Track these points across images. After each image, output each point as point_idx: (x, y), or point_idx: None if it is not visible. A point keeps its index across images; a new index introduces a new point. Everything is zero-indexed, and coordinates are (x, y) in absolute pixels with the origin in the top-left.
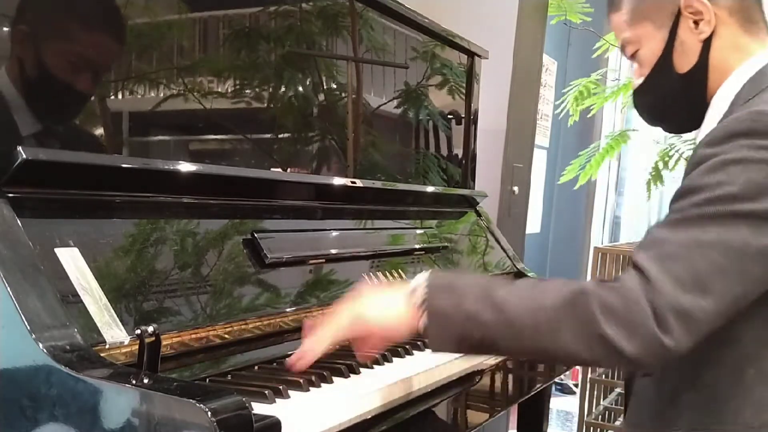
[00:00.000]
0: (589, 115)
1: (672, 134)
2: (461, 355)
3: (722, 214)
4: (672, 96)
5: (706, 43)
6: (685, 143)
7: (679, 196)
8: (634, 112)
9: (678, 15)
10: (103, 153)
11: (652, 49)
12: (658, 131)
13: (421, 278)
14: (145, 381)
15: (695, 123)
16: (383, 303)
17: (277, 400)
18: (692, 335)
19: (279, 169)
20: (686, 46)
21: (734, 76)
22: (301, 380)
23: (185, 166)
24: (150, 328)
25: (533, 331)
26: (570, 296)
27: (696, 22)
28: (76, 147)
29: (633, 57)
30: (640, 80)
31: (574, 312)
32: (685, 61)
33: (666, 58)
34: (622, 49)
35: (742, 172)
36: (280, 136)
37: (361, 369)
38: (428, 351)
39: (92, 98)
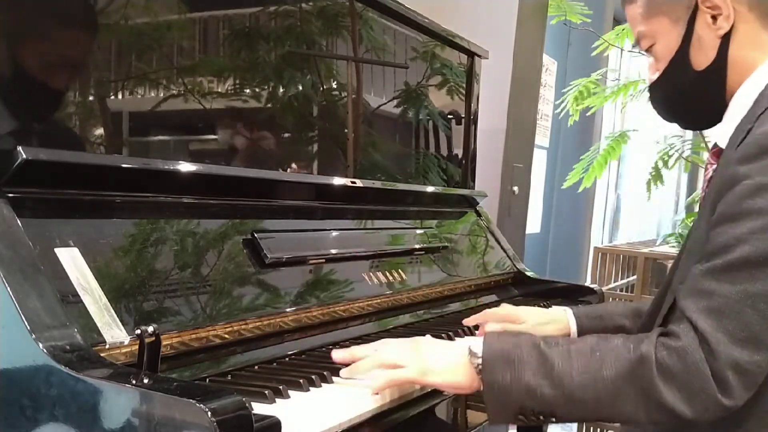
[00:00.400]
0: (588, 113)
1: (688, 130)
2: None
3: (766, 257)
4: (689, 93)
5: (725, 40)
6: (686, 143)
7: (719, 222)
8: (634, 112)
9: (695, 10)
10: (103, 153)
11: (667, 44)
12: (658, 131)
13: (478, 344)
14: (145, 381)
15: (713, 120)
16: (446, 367)
17: (277, 400)
18: (750, 390)
19: (279, 169)
20: (704, 42)
21: (757, 74)
22: (301, 380)
23: (185, 166)
24: (150, 328)
25: (594, 403)
26: (629, 366)
27: (714, 17)
28: (76, 147)
29: (648, 51)
30: (656, 75)
31: (634, 382)
32: (702, 57)
33: (682, 54)
34: (637, 42)
35: None
36: (280, 136)
37: None
38: None
39: (92, 98)
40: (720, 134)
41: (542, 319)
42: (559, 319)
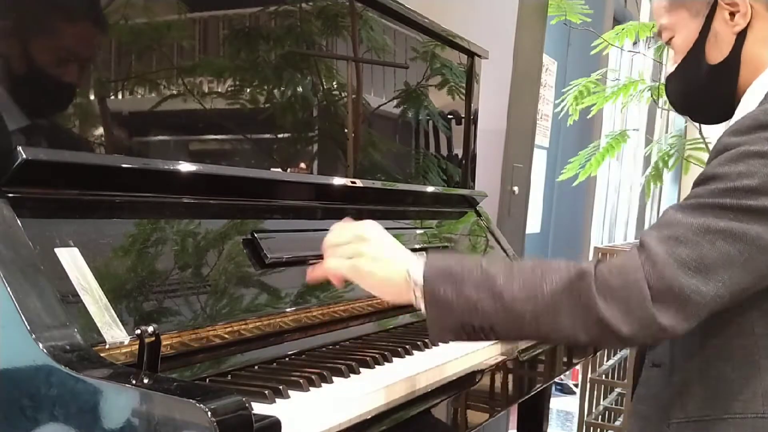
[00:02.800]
0: (589, 116)
1: (700, 123)
2: (462, 352)
3: (738, 207)
4: (701, 86)
5: (740, 36)
6: (688, 141)
7: (699, 182)
8: (634, 112)
9: (714, 5)
10: (103, 153)
11: (685, 37)
12: (658, 131)
13: (420, 261)
14: (145, 381)
15: (723, 115)
16: (385, 271)
17: (277, 400)
18: (690, 318)
19: (279, 169)
20: (720, 37)
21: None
22: (301, 380)
23: (185, 166)
24: (150, 328)
25: (532, 318)
26: (568, 280)
27: (732, 14)
28: (77, 147)
29: (668, 43)
30: (673, 67)
31: (572, 296)
32: (717, 52)
33: (698, 47)
34: (659, 34)
35: (764, 167)
36: (280, 136)
37: (361, 369)
38: (428, 351)
39: (93, 98)
40: None
41: None
42: None
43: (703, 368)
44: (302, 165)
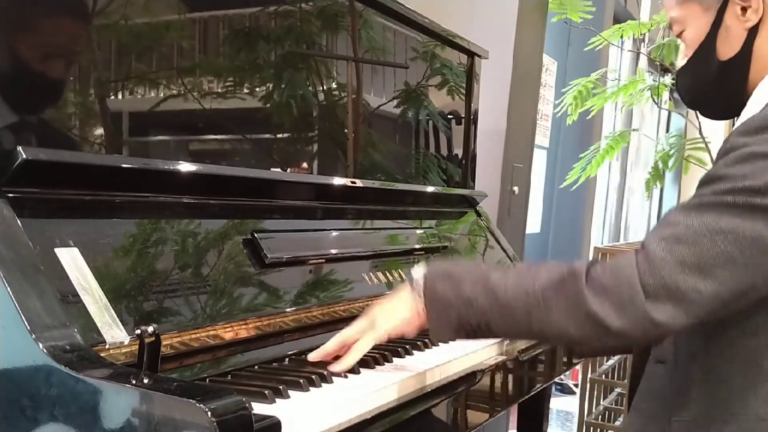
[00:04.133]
0: (588, 117)
1: (710, 119)
2: (462, 352)
3: (740, 205)
4: (710, 82)
5: (752, 32)
6: (688, 141)
7: (704, 182)
8: (635, 111)
9: (726, 0)
10: (103, 153)
11: (696, 31)
12: (656, 131)
13: (421, 269)
14: (145, 381)
15: (733, 112)
16: (390, 310)
17: (277, 400)
18: (688, 315)
19: (279, 169)
20: (731, 32)
21: None
22: (301, 380)
23: (185, 166)
24: (150, 328)
25: (524, 313)
26: (559, 277)
27: (744, 9)
28: (76, 147)
29: (679, 36)
30: (684, 61)
31: (562, 291)
32: (728, 48)
33: (709, 42)
34: (670, 27)
35: None
36: (280, 136)
37: (361, 369)
38: (428, 351)
39: (92, 98)
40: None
41: None
42: None
43: (706, 369)
44: (302, 165)
